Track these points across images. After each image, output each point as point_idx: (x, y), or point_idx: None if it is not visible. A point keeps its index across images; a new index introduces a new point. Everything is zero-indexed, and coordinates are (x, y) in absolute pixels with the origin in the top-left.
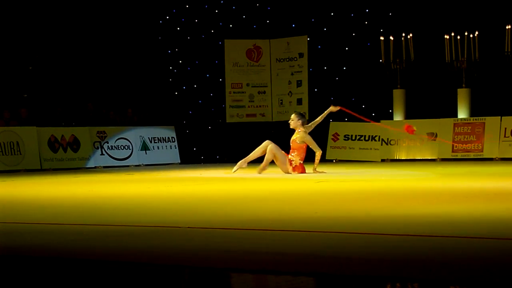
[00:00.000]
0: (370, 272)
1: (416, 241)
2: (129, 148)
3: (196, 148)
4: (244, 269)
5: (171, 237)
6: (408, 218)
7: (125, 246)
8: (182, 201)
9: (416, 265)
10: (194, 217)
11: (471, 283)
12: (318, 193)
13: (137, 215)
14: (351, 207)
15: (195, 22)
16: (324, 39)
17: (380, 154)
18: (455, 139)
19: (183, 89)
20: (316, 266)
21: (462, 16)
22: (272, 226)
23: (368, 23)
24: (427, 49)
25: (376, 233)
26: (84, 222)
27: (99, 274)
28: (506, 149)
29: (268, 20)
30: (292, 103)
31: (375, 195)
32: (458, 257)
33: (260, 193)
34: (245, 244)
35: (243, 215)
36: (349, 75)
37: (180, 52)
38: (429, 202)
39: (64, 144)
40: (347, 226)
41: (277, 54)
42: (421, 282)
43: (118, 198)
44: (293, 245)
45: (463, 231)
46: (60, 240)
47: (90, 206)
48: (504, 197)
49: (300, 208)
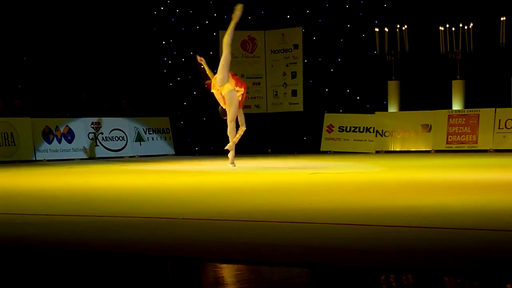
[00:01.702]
0: (364, 263)
1: (410, 232)
2: (123, 139)
3: (190, 140)
4: (238, 260)
5: (166, 228)
6: (402, 210)
7: (119, 237)
8: (176, 192)
9: (410, 256)
10: (189, 208)
11: (465, 274)
12: (313, 185)
13: (131, 206)
14: (345, 198)
15: (190, 13)
16: (319, 31)
17: (374, 145)
18: (450, 131)
19: (177, 80)
20: (310, 257)
21: (457, 7)
22: (266, 217)
23: (363, 14)
24: (422, 41)
25: (371, 224)
26: (78, 213)
27: (93, 264)
28: (500, 141)
29: (263, 12)
30: (287, 95)
31: (370, 186)
32: (452, 249)
33: (254, 185)
34: (239, 235)
35: (237, 206)
36: (344, 67)
37: (175, 43)
38: (423, 193)
39: (59, 135)
40: (341, 218)
41: (272, 46)
42: (415, 273)
43: (112, 189)
44: (287, 237)
45: (457, 222)
46: (55, 231)
47: (84, 197)
48: (499, 188)
49: (294, 199)
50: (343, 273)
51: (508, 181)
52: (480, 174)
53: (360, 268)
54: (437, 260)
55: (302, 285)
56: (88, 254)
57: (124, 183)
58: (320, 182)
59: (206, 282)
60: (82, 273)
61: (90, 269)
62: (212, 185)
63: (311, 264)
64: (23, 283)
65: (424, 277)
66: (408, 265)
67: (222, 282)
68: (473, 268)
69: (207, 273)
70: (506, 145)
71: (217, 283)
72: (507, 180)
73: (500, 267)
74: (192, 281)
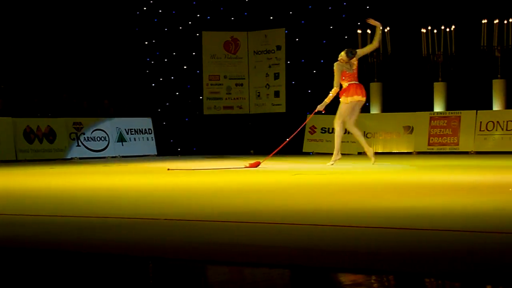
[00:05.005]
0: (346, 264)
1: (392, 233)
2: (105, 139)
3: (173, 140)
4: (221, 261)
5: (148, 229)
6: (384, 211)
7: (101, 237)
8: (159, 193)
9: (392, 258)
10: (171, 209)
11: (447, 275)
12: (295, 186)
13: (113, 207)
14: (328, 199)
15: (173, 14)
16: (301, 32)
17: (357, 147)
18: (431, 133)
19: (160, 80)
20: (293, 258)
21: (439, 10)
22: (249, 218)
23: (345, 16)
24: (404, 43)
25: (353, 225)
26: (59, 213)
27: (74, 265)
28: (482, 143)
29: (246, 12)
30: (269, 96)
31: (353, 187)
32: (434, 250)
33: (237, 186)
34: (222, 236)
35: (220, 207)
36: (326, 68)
37: (157, 43)
38: (406, 195)
39: (40, 135)
40: (323, 219)
41: (254, 47)
42: (397, 275)
43: (94, 190)
44: (270, 238)
45: (438, 224)
46: (35, 232)
47: (66, 197)
48: (480, 190)
49: (277, 200)
50: (325, 274)
51: (489, 183)
52: (461, 176)
53: (342, 269)
54: (419, 261)
55: (284, 286)
56: (69, 255)
57: (105, 183)
58: (303, 183)
59: (188, 283)
60: (62, 274)
61: (70, 270)
62: (195, 186)
63: (293, 265)
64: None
65: (406, 278)
66: (390, 266)
67: (204, 283)
68: (454, 269)
69: (189, 274)
70: (487, 147)
71: (199, 284)
72: (488, 182)
73: (481, 268)
74: (173, 281)
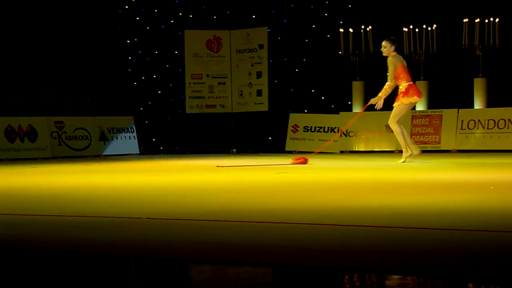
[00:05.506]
0: (328, 262)
1: (375, 232)
2: (87, 138)
3: (155, 139)
4: (203, 260)
5: (130, 228)
6: (367, 210)
7: (83, 237)
8: (141, 192)
9: (375, 256)
10: (154, 208)
11: (428, 273)
12: (278, 184)
13: (95, 206)
14: (310, 198)
15: (155, 12)
16: (284, 31)
17: (339, 145)
18: (413, 131)
19: (142, 79)
20: (276, 256)
21: (421, 9)
22: (231, 217)
23: (328, 15)
24: None
25: (335, 224)
26: (41, 213)
27: (55, 265)
28: (463, 141)
29: (228, 11)
30: (252, 94)
31: (335, 186)
32: (416, 248)
33: (219, 184)
34: (204, 235)
35: (203, 206)
36: (309, 67)
37: (140, 42)
38: (388, 193)
39: (21, 134)
40: (306, 217)
41: (237, 45)
42: (379, 273)
43: (76, 189)
44: (252, 236)
45: (420, 222)
46: (16, 231)
47: (47, 196)
48: (461, 188)
49: (259, 199)
50: (308, 273)
51: (471, 181)
52: (443, 174)
53: (324, 267)
54: (401, 259)
55: (267, 284)
56: (50, 254)
57: (87, 182)
58: (286, 182)
59: (171, 282)
60: (43, 274)
61: (51, 270)
62: (177, 185)
63: (276, 264)
64: None
65: (388, 276)
66: (373, 265)
67: (187, 282)
68: (436, 267)
69: (172, 273)
70: (468, 146)
71: (182, 283)
72: (469, 180)
73: (463, 266)
74: (156, 280)
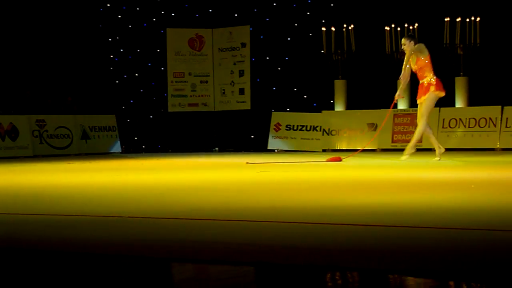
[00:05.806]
0: (311, 261)
1: (358, 230)
2: (69, 137)
3: (137, 138)
4: (185, 258)
5: (111, 227)
6: (350, 208)
7: (64, 236)
8: (123, 190)
9: (358, 254)
10: (135, 206)
11: (410, 271)
12: (261, 183)
13: (76, 204)
14: (293, 196)
15: (137, 10)
16: (266, 29)
17: (321, 144)
18: (395, 130)
19: (124, 77)
20: (258, 255)
21: (402, 8)
22: (214, 215)
23: (310, 14)
24: (367, 41)
25: (319, 222)
26: (23, 211)
27: (37, 264)
28: (445, 140)
29: (210, 10)
30: (234, 93)
31: (318, 185)
32: (398, 246)
33: (202, 183)
34: (186, 234)
35: (185, 204)
36: (291, 66)
37: (121, 40)
38: (371, 192)
39: (2, 133)
40: (289, 216)
41: (219, 44)
42: (361, 271)
43: (57, 187)
44: (235, 235)
45: (403, 220)
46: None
47: (29, 195)
48: (443, 187)
49: (242, 197)
50: (291, 272)
51: (451, 179)
52: (424, 173)
53: (307, 266)
54: (385, 257)
55: (250, 283)
56: (31, 253)
57: (69, 181)
58: (268, 181)
59: (152, 280)
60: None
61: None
62: (159, 183)
63: (259, 263)
64: None
65: (371, 275)
66: (355, 263)
67: (169, 280)
68: (419, 266)
69: (154, 271)
70: (449, 144)
71: (164, 281)
72: (450, 178)
73: (447, 264)
74: (138, 279)
